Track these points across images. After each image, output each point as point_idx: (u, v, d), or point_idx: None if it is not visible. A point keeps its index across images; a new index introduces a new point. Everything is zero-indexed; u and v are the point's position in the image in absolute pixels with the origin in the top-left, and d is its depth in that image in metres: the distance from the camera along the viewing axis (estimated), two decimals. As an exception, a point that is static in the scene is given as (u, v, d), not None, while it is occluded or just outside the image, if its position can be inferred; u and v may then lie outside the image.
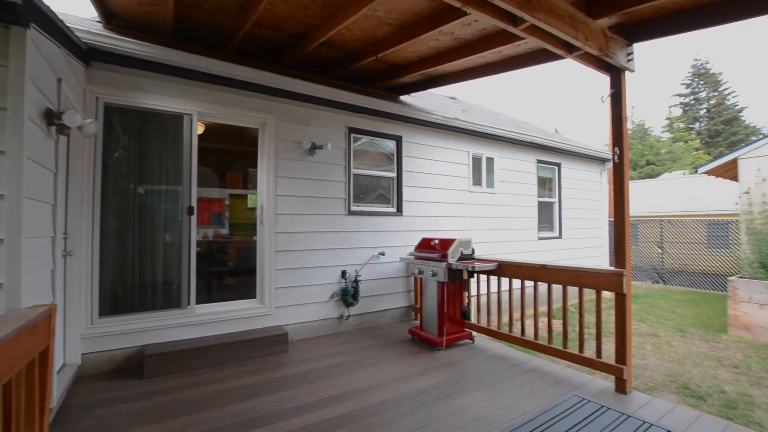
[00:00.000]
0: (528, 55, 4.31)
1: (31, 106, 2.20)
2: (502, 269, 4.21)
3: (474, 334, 4.51)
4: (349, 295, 4.86)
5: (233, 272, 6.31)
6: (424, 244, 4.70)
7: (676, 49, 70.50)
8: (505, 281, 4.27)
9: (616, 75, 3.49)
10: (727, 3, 3.00)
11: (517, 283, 4.11)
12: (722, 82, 34.47)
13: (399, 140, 5.56)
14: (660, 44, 76.21)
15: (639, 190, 19.42)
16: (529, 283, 3.99)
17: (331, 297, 4.84)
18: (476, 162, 6.50)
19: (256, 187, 4.54)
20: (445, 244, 4.37)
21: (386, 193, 5.51)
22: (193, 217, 3.99)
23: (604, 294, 3.45)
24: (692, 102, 36.11)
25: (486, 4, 2.74)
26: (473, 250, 4.46)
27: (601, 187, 9.14)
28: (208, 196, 6.90)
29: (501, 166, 6.89)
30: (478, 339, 4.54)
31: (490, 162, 6.72)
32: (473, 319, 4.63)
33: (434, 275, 4.28)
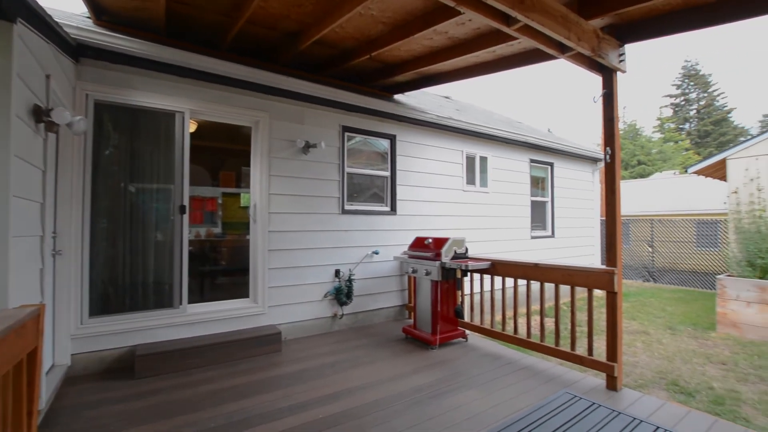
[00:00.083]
0: (521, 54, 4.33)
1: (19, 103, 2.17)
2: (496, 268, 4.23)
3: (467, 332, 4.54)
4: (342, 294, 4.86)
5: (226, 271, 6.27)
6: (418, 243, 4.71)
7: (667, 51, 71.40)
8: (499, 280, 4.29)
9: (608, 75, 3.52)
10: (716, 6, 3.04)
11: (510, 282, 4.14)
12: (711, 84, 34.98)
13: (393, 139, 5.56)
14: (651, 45, 77.06)
15: (630, 190, 19.64)
16: (522, 282, 4.02)
17: (325, 296, 4.83)
18: (470, 161, 6.53)
19: (249, 185, 4.51)
20: (439, 243, 4.38)
21: (380, 192, 5.51)
22: (185, 216, 3.95)
23: (596, 292, 3.48)
24: (682, 103, 36.59)
25: (479, 3, 2.75)
26: (467, 249, 4.48)
27: (593, 187, 9.23)
28: (200, 195, 6.84)
29: (494, 166, 6.92)
30: (472, 337, 4.56)
31: (484, 161, 6.75)
32: (467, 318, 4.65)
33: (428, 274, 4.29)
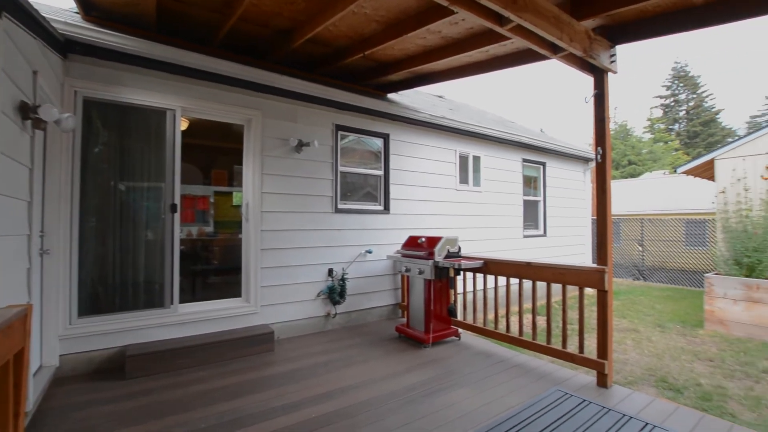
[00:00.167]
0: (514, 54, 4.35)
1: (4, 99, 2.13)
2: (488, 267, 4.26)
3: (460, 331, 4.56)
4: (335, 293, 4.85)
5: (218, 271, 6.22)
6: (411, 242, 4.72)
7: (658, 52, 72.34)
8: (491, 279, 4.32)
9: (600, 76, 3.56)
10: (705, 8, 3.09)
11: (502, 281, 4.17)
12: (700, 85, 35.52)
13: (386, 138, 5.56)
14: (642, 47, 78.01)
15: (621, 190, 19.88)
16: (515, 281, 4.05)
17: (318, 295, 4.82)
18: (463, 160, 6.55)
19: (242, 184, 4.48)
20: (432, 242, 4.39)
21: (373, 191, 5.51)
22: (177, 215, 3.91)
23: (587, 291, 3.52)
24: (672, 104, 37.11)
25: (473, 3, 2.76)
26: (460, 248, 4.50)
27: (584, 186, 9.32)
28: (192, 194, 6.78)
29: (487, 165, 6.96)
30: (465, 336, 4.58)
31: (477, 161, 6.78)
32: (459, 317, 4.68)
33: (421, 273, 4.30)
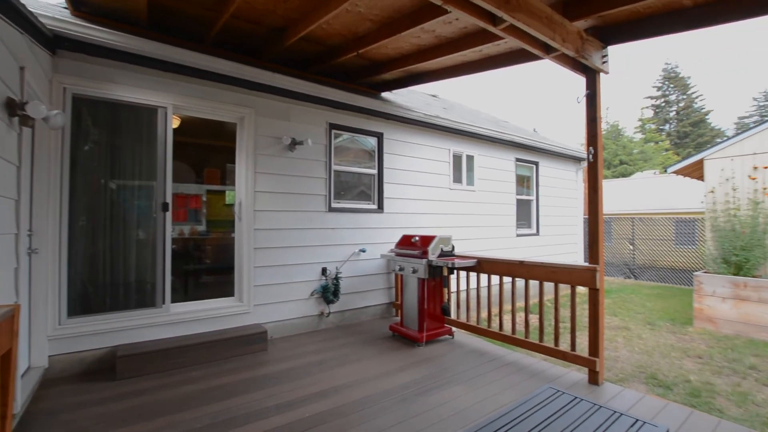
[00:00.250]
0: (508, 54, 4.37)
1: (-9, 96, 2.09)
2: (482, 266, 4.28)
3: (454, 329, 4.58)
4: (329, 292, 4.84)
5: (211, 270, 6.17)
6: (405, 241, 4.72)
7: (649, 53, 73.17)
8: (485, 277, 4.34)
9: (592, 76, 3.59)
10: (694, 10, 3.12)
11: (496, 279, 4.19)
12: (690, 86, 36.03)
13: (380, 137, 5.55)
14: (634, 48, 78.88)
15: (612, 189, 20.11)
16: (508, 279, 4.07)
17: (312, 294, 4.80)
18: (457, 160, 6.57)
19: (235, 183, 4.44)
20: (426, 241, 4.40)
21: (367, 190, 5.50)
22: (168, 214, 3.87)
23: (579, 289, 3.55)
24: (663, 104, 37.59)
25: (466, 2, 2.76)
26: (453, 247, 4.51)
27: (576, 186, 9.40)
28: (184, 192, 6.72)
29: (481, 164, 6.99)
30: (458, 334, 4.60)
31: (470, 160, 6.80)
32: (453, 315, 4.69)
33: (415, 272, 4.31)
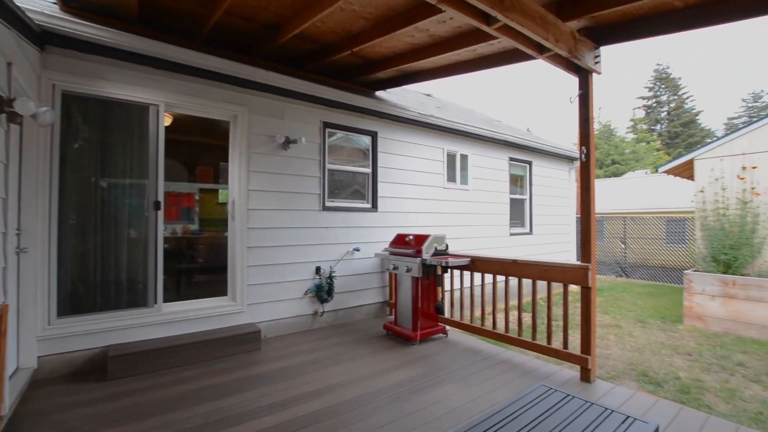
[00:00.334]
0: (501, 54, 4.39)
1: (-22, 92, 2.05)
2: (475, 264, 4.29)
3: (448, 328, 4.59)
4: (323, 291, 4.83)
5: (203, 269, 6.13)
6: (399, 240, 4.73)
7: (642, 54, 73.89)
8: (478, 276, 4.36)
9: (584, 77, 3.61)
10: (685, 12, 3.16)
11: (489, 278, 4.21)
12: (681, 87, 36.49)
13: (374, 136, 5.55)
14: (626, 49, 79.68)
15: (604, 188, 20.32)
16: (501, 278, 4.09)
17: (305, 293, 4.79)
18: (451, 159, 6.59)
19: (228, 181, 4.41)
20: (420, 240, 4.40)
21: (361, 189, 5.49)
22: (160, 212, 3.83)
23: (571, 287, 3.59)
24: (654, 105, 38.03)
25: (460, 2, 2.76)
26: (447, 246, 4.53)
27: (569, 185, 9.47)
28: (176, 191, 6.65)
29: (475, 164, 7.01)
30: (452, 333, 4.62)
31: (464, 159, 6.82)
32: (447, 314, 4.71)
33: (409, 271, 4.31)
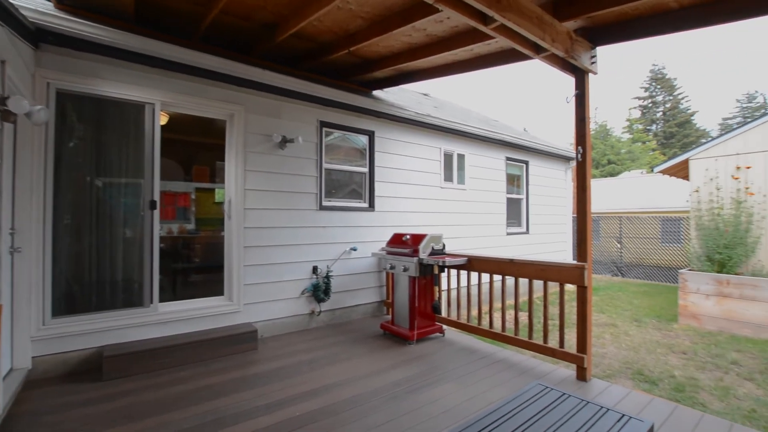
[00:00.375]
0: (498, 54, 4.40)
1: (-30, 90, 2.02)
2: (472, 264, 4.30)
3: (444, 327, 4.60)
4: (320, 290, 4.82)
5: (200, 269, 6.10)
6: (396, 240, 4.73)
7: (638, 55, 74.31)
8: (475, 275, 4.37)
9: (581, 77, 3.63)
10: (680, 13, 3.18)
11: (486, 277, 4.23)
12: (677, 87, 36.70)
13: (371, 135, 5.54)
14: (622, 49, 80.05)
15: (601, 188, 20.41)
16: (498, 277, 4.11)
17: (302, 293, 4.78)
18: (448, 158, 6.59)
19: (224, 180, 4.39)
20: (417, 240, 4.41)
21: (358, 189, 5.49)
22: (156, 212, 3.82)
23: (567, 287, 3.60)
24: (650, 105, 38.23)
25: (457, 1, 2.77)
26: (444, 245, 4.53)
27: (565, 185, 9.51)
28: (172, 190, 6.62)
29: (471, 163, 7.02)
30: (449, 332, 4.63)
31: (461, 159, 6.83)
32: (444, 313, 4.72)
33: (406, 270, 4.32)
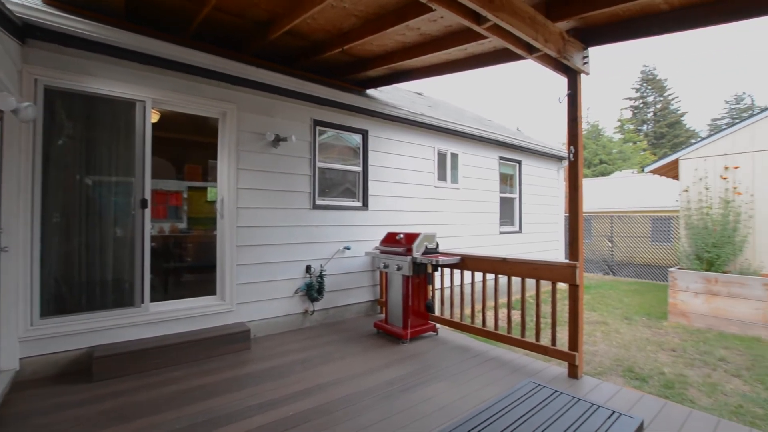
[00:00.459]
0: (492, 53, 4.41)
1: (-44, 86, 1.99)
2: (465, 263, 4.32)
3: (438, 326, 4.62)
4: (313, 290, 4.81)
5: (192, 268, 6.06)
6: (390, 239, 4.73)
7: (629, 56, 75.11)
8: (468, 274, 4.38)
9: (573, 77, 3.66)
10: (670, 15, 3.22)
11: (479, 276, 4.25)
12: (667, 88, 37.17)
13: (365, 134, 5.54)
14: (614, 50, 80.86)
15: (592, 188, 20.62)
16: (491, 276, 4.13)
17: (296, 292, 4.77)
18: (441, 157, 6.61)
19: (217, 179, 4.36)
20: (410, 239, 4.42)
21: (352, 188, 5.48)
22: (147, 211, 3.77)
23: (559, 285, 3.63)
24: (641, 105, 38.68)
25: (451, 1, 2.77)
26: (437, 244, 4.55)
27: (558, 184, 9.59)
28: (164, 189, 6.56)
29: (465, 162, 7.05)
30: (442, 331, 4.65)
31: (455, 158, 6.85)
32: (437, 312, 4.73)
33: (399, 269, 4.32)
